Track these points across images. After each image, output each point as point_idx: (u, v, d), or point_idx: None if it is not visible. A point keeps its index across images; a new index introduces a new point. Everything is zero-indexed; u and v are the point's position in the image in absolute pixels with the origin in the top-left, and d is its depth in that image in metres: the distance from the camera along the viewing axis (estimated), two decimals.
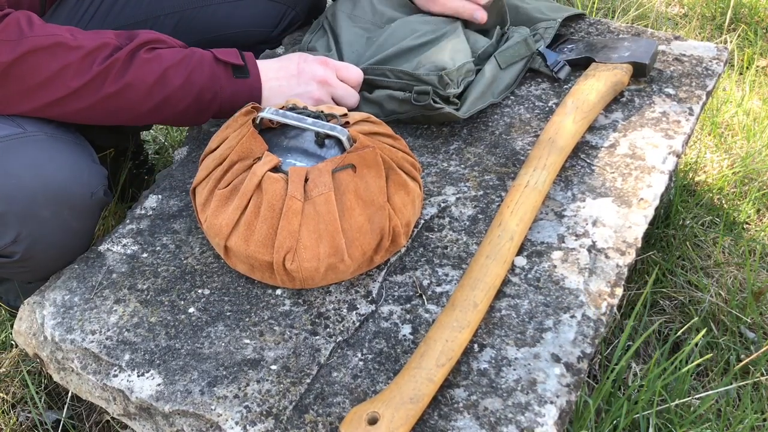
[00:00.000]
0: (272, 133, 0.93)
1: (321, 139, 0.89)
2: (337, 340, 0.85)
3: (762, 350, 1.12)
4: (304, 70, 1.05)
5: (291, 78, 1.05)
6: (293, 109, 0.93)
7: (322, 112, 0.92)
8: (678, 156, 1.05)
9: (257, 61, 1.05)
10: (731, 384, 1.09)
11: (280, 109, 0.92)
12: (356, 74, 1.09)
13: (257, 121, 0.91)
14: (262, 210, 0.84)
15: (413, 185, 0.92)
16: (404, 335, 0.85)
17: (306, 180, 0.85)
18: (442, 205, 1.00)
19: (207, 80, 0.99)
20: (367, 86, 1.13)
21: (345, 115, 0.94)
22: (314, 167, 0.85)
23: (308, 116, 0.90)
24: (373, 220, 0.87)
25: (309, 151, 0.90)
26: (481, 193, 1.02)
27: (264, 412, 0.78)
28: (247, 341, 0.85)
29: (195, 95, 0.98)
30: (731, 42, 2.02)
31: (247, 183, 0.85)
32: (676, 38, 1.29)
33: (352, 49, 1.19)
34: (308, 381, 0.81)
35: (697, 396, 1.06)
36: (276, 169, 0.87)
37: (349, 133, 0.88)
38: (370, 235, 0.87)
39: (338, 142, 0.89)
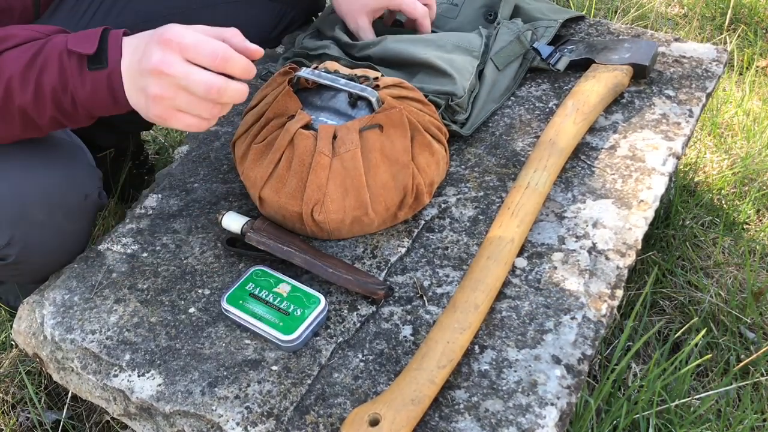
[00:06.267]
0: (308, 92, 0.98)
1: (354, 100, 0.94)
2: (338, 340, 0.85)
3: (762, 350, 1.12)
4: (144, 54, 0.76)
5: (138, 64, 0.77)
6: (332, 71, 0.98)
7: (356, 74, 0.97)
8: (678, 158, 1.05)
9: (127, 38, 0.80)
10: (731, 384, 1.09)
11: (316, 69, 0.97)
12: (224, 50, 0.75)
13: (294, 80, 0.96)
14: (293, 164, 0.90)
15: (438, 147, 0.97)
16: (405, 336, 0.85)
17: (335, 137, 0.89)
18: (443, 205, 1.00)
19: (57, 80, 0.78)
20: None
21: (377, 78, 0.98)
22: (342, 126, 0.90)
23: (342, 77, 0.95)
24: (397, 178, 0.91)
25: (341, 110, 0.95)
26: (482, 194, 1.02)
27: (265, 413, 0.78)
28: (248, 341, 0.85)
29: (52, 101, 0.79)
30: (731, 42, 2.02)
31: (281, 139, 0.90)
32: (676, 40, 1.29)
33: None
34: (309, 382, 0.81)
35: (697, 396, 1.07)
36: (307, 126, 0.91)
37: (378, 95, 0.92)
38: (394, 191, 0.92)
39: (368, 103, 0.93)
